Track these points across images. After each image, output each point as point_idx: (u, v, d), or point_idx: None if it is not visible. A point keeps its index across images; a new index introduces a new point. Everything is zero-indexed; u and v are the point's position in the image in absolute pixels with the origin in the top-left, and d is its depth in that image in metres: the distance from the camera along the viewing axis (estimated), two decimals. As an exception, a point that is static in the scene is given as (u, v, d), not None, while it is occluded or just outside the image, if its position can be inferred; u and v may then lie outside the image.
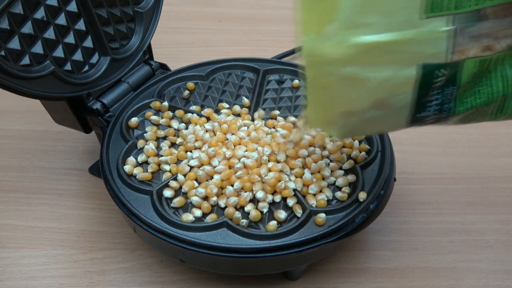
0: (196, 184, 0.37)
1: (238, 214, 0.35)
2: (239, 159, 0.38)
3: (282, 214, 0.35)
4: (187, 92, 0.46)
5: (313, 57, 0.23)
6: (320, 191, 0.37)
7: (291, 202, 0.36)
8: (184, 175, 0.38)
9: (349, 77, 0.23)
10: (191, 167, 0.39)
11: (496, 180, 0.50)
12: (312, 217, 0.35)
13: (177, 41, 0.69)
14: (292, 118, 0.43)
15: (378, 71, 0.23)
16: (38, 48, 0.37)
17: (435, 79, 0.23)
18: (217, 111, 0.44)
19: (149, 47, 0.48)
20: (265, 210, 0.36)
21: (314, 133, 0.41)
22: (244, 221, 0.35)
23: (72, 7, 0.39)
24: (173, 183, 0.37)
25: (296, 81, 0.47)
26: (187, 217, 0.35)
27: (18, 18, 0.34)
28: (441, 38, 0.22)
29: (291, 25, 0.32)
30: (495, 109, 0.26)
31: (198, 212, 0.36)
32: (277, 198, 0.36)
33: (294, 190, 0.37)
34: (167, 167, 0.39)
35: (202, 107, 0.45)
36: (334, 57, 0.22)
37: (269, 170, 0.37)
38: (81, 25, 0.40)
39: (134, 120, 0.42)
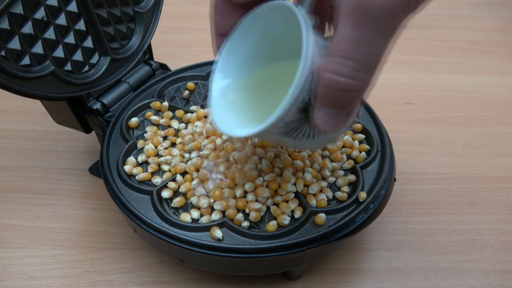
0: (193, 184, 0.37)
1: (240, 216, 0.35)
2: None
3: (286, 220, 0.35)
4: (187, 92, 0.46)
5: None
6: (320, 191, 0.37)
7: (292, 205, 0.36)
8: (183, 176, 0.38)
9: None
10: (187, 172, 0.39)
11: (496, 180, 0.50)
12: (312, 217, 0.35)
13: (177, 41, 0.69)
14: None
15: None
16: (38, 48, 0.37)
17: None
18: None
19: (149, 47, 0.48)
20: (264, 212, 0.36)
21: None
22: (246, 223, 0.35)
23: (72, 7, 0.39)
24: (172, 184, 0.37)
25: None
26: (185, 217, 0.35)
27: (18, 18, 0.34)
28: None
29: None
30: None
31: (195, 214, 0.36)
32: (278, 199, 0.36)
33: (295, 192, 0.37)
34: (167, 167, 0.39)
35: (202, 107, 0.45)
36: None
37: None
38: (81, 25, 0.40)
39: (134, 120, 0.42)
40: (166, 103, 0.44)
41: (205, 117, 0.43)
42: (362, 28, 0.22)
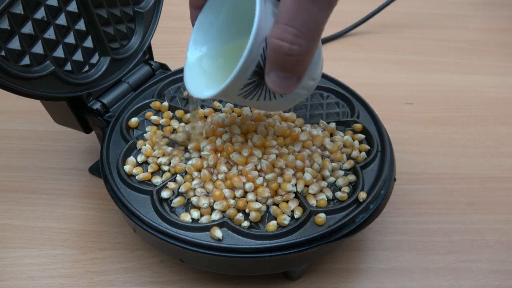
0: (194, 184, 0.37)
1: (240, 216, 0.35)
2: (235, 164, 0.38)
3: (286, 220, 0.35)
4: (187, 92, 0.46)
5: None
6: (320, 191, 0.37)
7: (292, 205, 0.36)
8: (183, 176, 0.38)
9: None
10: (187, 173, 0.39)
11: (496, 180, 0.50)
12: (312, 217, 0.35)
13: (177, 41, 0.69)
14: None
15: None
16: (38, 48, 0.37)
17: None
18: (217, 111, 0.44)
19: (149, 47, 0.48)
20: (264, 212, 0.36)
21: (315, 132, 0.41)
22: (246, 223, 0.35)
23: (72, 7, 0.39)
24: (172, 184, 0.37)
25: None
26: (185, 217, 0.35)
27: (18, 18, 0.34)
28: None
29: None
30: None
31: (195, 214, 0.36)
32: (278, 199, 0.36)
33: (295, 192, 0.37)
34: (166, 167, 0.39)
35: (202, 107, 0.45)
36: None
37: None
38: (81, 25, 0.40)
39: (134, 120, 0.42)
40: (166, 103, 0.44)
41: (205, 117, 0.43)
42: None
